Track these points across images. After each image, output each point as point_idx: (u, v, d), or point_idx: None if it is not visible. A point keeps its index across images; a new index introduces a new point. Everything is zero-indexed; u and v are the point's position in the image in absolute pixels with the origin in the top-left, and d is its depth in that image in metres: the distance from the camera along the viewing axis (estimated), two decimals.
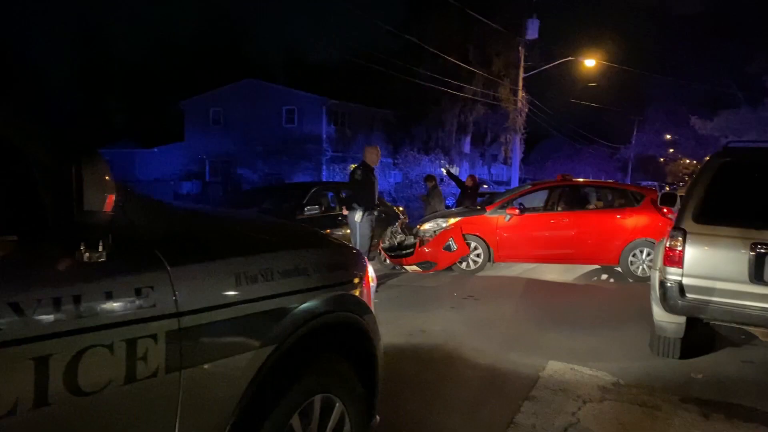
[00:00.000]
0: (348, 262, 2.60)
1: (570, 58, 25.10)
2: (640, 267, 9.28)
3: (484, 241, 9.83)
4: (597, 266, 10.43)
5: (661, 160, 53.96)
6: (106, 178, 1.47)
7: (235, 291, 1.87)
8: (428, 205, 13.15)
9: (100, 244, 1.46)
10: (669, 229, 4.89)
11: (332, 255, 2.54)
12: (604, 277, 10.03)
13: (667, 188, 28.27)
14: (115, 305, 1.51)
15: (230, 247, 2.01)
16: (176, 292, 1.66)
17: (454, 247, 9.53)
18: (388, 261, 9.88)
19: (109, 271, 1.51)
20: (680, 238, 4.68)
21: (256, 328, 1.94)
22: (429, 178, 14.14)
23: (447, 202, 16.76)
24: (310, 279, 2.21)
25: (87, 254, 1.44)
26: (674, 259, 4.70)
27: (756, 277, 4.43)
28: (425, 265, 9.54)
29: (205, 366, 1.74)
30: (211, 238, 2.02)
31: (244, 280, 1.91)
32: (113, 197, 1.49)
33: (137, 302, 1.57)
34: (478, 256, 9.82)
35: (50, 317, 1.37)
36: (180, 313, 1.66)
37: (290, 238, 2.46)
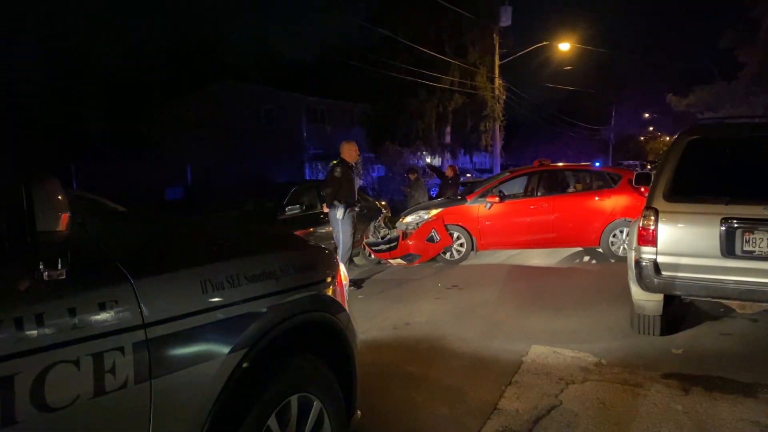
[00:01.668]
0: (318, 263, 2.62)
1: (544, 42, 25.20)
2: (621, 247, 9.40)
3: (467, 230, 9.89)
4: (579, 249, 10.53)
5: (642, 138, 54.42)
6: (59, 197, 1.48)
7: (201, 299, 1.89)
8: (411, 198, 13.18)
9: (59, 261, 1.47)
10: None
11: (301, 256, 2.56)
12: (586, 259, 10.13)
13: (649, 167, 28.48)
14: (78, 321, 1.53)
15: (194, 255, 2.03)
16: (141, 304, 1.68)
17: (437, 238, 9.59)
18: (372, 256, 9.91)
19: (71, 288, 1.53)
20: (652, 217, 4.75)
21: (225, 334, 1.96)
22: (411, 170, 14.18)
23: (430, 193, 16.80)
24: (278, 282, 2.24)
25: (46, 273, 1.46)
26: (648, 238, 4.77)
27: (728, 251, 4.51)
28: (409, 257, 9.58)
29: (175, 374, 1.76)
30: (175, 247, 2.03)
31: (210, 288, 1.93)
32: (67, 215, 1.50)
33: (101, 316, 1.58)
34: (461, 245, 9.88)
35: (13, 337, 1.39)
36: (146, 324, 1.68)
37: (256, 243, 2.48)
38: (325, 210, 8.14)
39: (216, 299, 1.95)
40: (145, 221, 2.21)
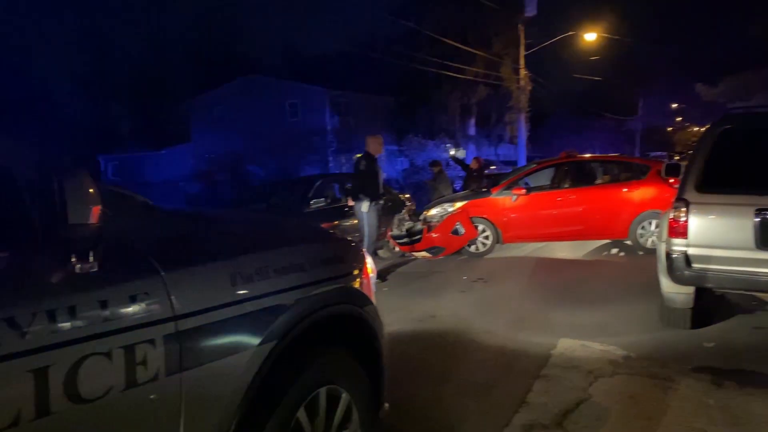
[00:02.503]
0: (345, 255, 2.62)
1: (570, 33, 24.85)
2: (650, 239, 9.24)
3: (492, 223, 9.83)
4: (607, 241, 10.40)
5: (669, 129, 53.47)
6: (90, 190, 1.49)
7: (230, 291, 1.90)
8: (435, 191, 13.13)
9: (91, 254, 1.49)
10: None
11: (328, 249, 2.56)
12: (614, 251, 10.00)
13: (677, 158, 28.00)
14: (110, 313, 1.54)
15: (224, 248, 2.04)
16: (171, 296, 1.69)
17: (462, 230, 9.54)
18: (397, 249, 9.91)
19: (102, 280, 1.54)
20: (683, 209, 4.66)
21: (254, 326, 1.97)
22: (434, 163, 14.11)
23: (454, 186, 16.72)
24: (306, 274, 2.24)
25: (78, 265, 1.48)
26: (678, 230, 4.69)
27: (762, 242, 4.41)
28: (434, 250, 9.56)
29: (206, 366, 1.77)
30: (204, 240, 2.04)
31: (239, 280, 1.94)
32: (98, 209, 1.52)
33: (132, 309, 1.60)
34: (486, 238, 9.82)
35: (46, 329, 1.41)
36: (176, 316, 1.69)
37: (284, 235, 2.49)
38: (350, 203, 8.15)
39: (245, 291, 1.95)
40: (174, 214, 2.23)
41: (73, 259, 1.47)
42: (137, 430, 1.64)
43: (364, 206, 7.82)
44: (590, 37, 24.99)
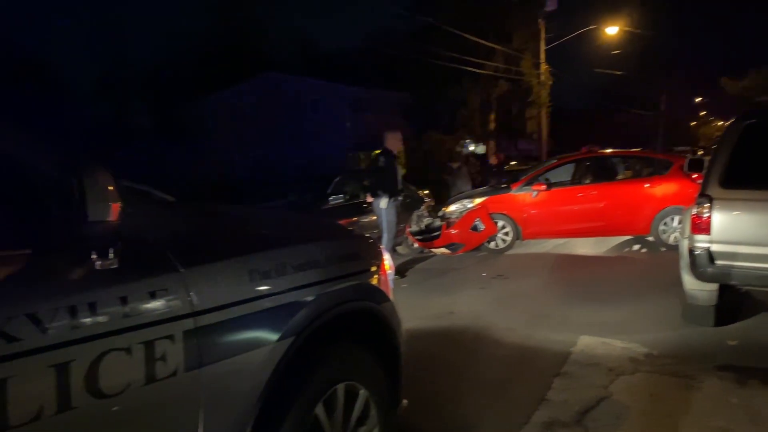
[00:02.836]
0: (362, 252, 2.62)
1: (592, 26, 24.60)
2: (672, 235, 9.13)
3: (512, 219, 9.78)
4: (629, 237, 10.29)
5: (693, 123, 52.72)
6: (109, 188, 1.51)
7: (249, 287, 1.91)
8: (453, 187, 13.10)
9: (111, 251, 1.50)
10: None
11: (346, 246, 2.56)
12: (636, 247, 9.90)
13: (700, 152, 27.58)
14: (130, 309, 1.56)
15: (242, 244, 2.05)
16: (190, 293, 1.70)
17: (481, 227, 9.50)
18: (415, 245, 9.90)
19: (122, 277, 1.56)
20: (707, 205, 4.59)
21: (272, 322, 1.97)
22: (453, 159, 14.08)
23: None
24: (324, 271, 2.24)
25: (99, 262, 1.49)
26: (701, 226, 4.62)
27: None
28: (453, 246, 9.54)
29: (224, 362, 1.78)
30: (223, 237, 2.05)
31: (257, 277, 1.95)
32: (118, 206, 1.53)
33: (152, 305, 1.61)
34: (506, 234, 9.77)
35: (67, 325, 1.42)
36: (195, 312, 1.71)
37: (302, 232, 2.50)
38: (369, 199, 8.16)
39: (263, 288, 1.96)
40: (193, 211, 2.25)
41: (93, 256, 1.49)
42: (157, 425, 1.65)
43: (383, 203, 7.83)
44: (612, 30, 24.72)
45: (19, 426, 1.33)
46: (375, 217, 8.17)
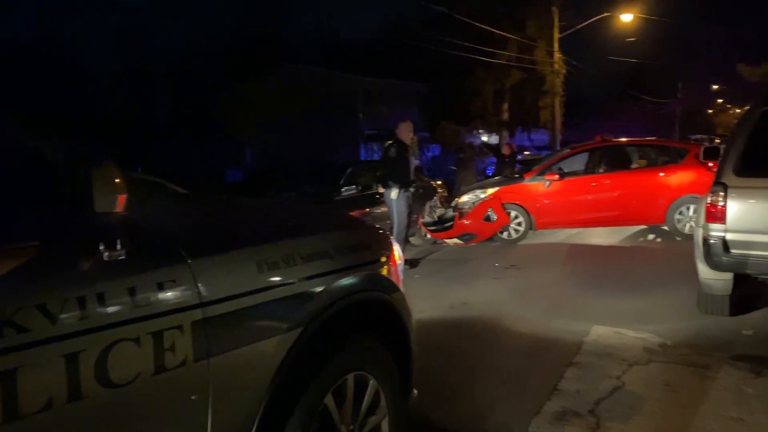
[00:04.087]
0: (372, 243, 2.61)
1: (606, 14, 24.32)
2: (687, 224, 9.04)
3: (525, 209, 9.73)
4: (643, 227, 10.21)
5: (710, 111, 52.05)
6: (116, 179, 1.52)
7: (257, 278, 1.91)
8: (458, 176, 13.05)
9: (119, 242, 1.51)
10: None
11: (355, 236, 2.56)
12: (650, 237, 9.82)
13: (717, 141, 27.24)
14: (138, 300, 1.57)
15: (250, 235, 2.05)
16: (198, 284, 1.71)
17: (494, 217, 9.47)
18: (428, 236, 9.89)
19: (131, 268, 1.57)
20: (722, 193, 4.54)
21: (281, 312, 1.98)
22: (460, 149, 14.07)
23: (486, 172, 16.61)
24: (333, 261, 2.24)
25: (107, 253, 1.50)
26: (716, 215, 4.57)
27: None
28: (466, 237, 9.51)
29: (233, 353, 1.78)
30: (231, 227, 2.06)
31: (266, 267, 1.94)
32: (124, 197, 1.54)
33: (160, 296, 1.62)
34: (519, 224, 9.73)
35: (76, 316, 1.44)
36: (203, 303, 1.71)
37: (311, 222, 2.49)
38: (381, 190, 8.14)
39: (272, 278, 1.96)
40: (202, 202, 2.26)
41: (102, 247, 1.50)
42: (166, 415, 1.66)
43: (394, 194, 7.80)
44: (627, 18, 24.41)
45: (31, 415, 1.34)
46: (387, 208, 8.16)
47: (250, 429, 1.84)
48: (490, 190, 10.03)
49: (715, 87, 45.12)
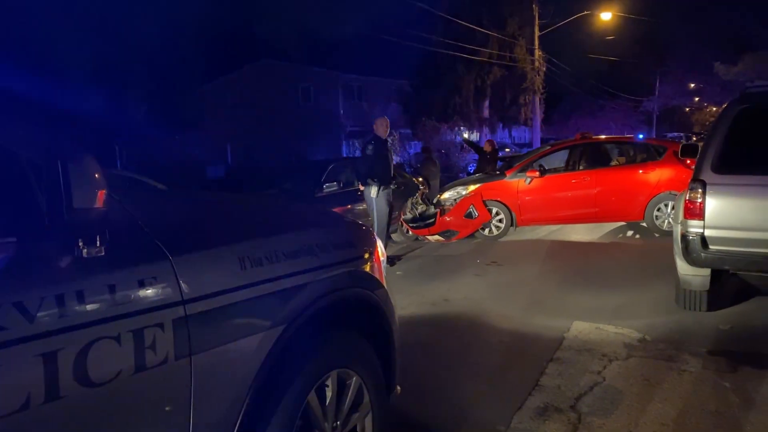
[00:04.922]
0: (355, 239, 2.60)
1: (586, 12, 24.54)
2: (666, 221, 9.16)
3: (506, 205, 9.77)
4: (622, 223, 10.31)
5: (687, 109, 52.69)
6: (95, 174, 1.49)
7: (239, 275, 1.89)
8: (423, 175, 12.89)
9: (98, 239, 1.48)
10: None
11: (338, 233, 2.54)
12: (629, 233, 9.92)
13: (694, 139, 27.58)
14: (118, 298, 1.54)
15: (232, 232, 2.03)
16: (180, 281, 1.69)
17: (476, 214, 9.50)
18: (410, 232, 9.89)
19: (110, 265, 1.54)
20: (700, 190, 4.60)
21: (263, 310, 1.96)
22: (425, 149, 14.11)
23: (468, 169, 16.65)
24: (316, 258, 2.22)
25: (85, 250, 1.47)
26: (695, 211, 4.62)
27: None
28: (448, 234, 9.53)
29: (215, 350, 1.76)
30: (213, 224, 2.03)
31: (248, 264, 1.92)
32: (104, 192, 1.51)
33: (141, 293, 1.59)
34: (500, 221, 9.77)
35: (54, 314, 1.41)
36: (185, 300, 1.69)
37: (294, 219, 2.48)
38: (361, 188, 8.08)
39: (254, 275, 1.94)
40: (183, 198, 2.22)
41: (81, 244, 1.47)
42: (147, 414, 1.64)
43: (373, 191, 7.71)
44: (606, 16, 24.65)
45: (7, 415, 1.31)
46: (366, 206, 8.10)
47: (232, 427, 1.82)
48: (472, 187, 10.06)
49: (692, 85, 45.64)
